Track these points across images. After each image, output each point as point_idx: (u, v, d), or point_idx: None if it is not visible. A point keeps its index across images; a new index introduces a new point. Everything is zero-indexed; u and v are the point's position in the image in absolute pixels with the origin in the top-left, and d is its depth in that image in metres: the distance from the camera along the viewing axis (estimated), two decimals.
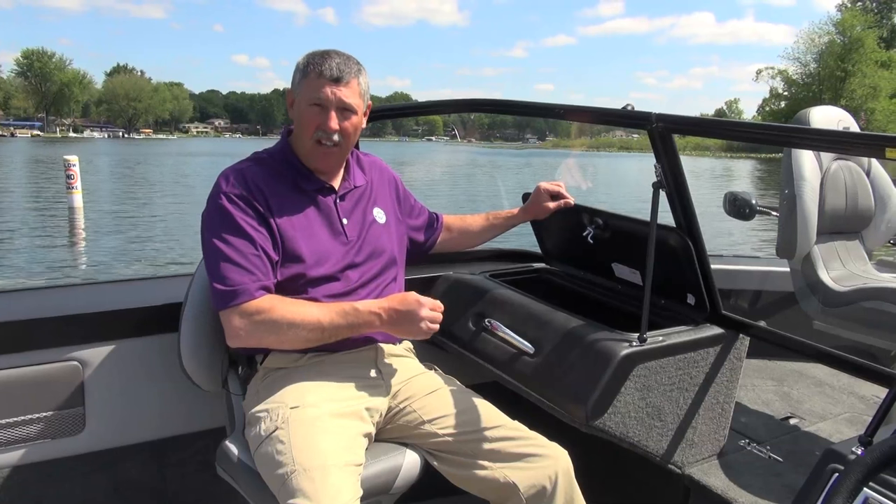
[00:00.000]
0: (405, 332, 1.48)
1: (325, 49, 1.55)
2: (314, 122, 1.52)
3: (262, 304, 1.43)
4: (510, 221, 2.00)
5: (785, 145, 2.43)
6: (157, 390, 1.80)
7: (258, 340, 1.46)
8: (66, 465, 1.71)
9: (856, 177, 2.68)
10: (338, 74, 1.50)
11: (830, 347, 1.63)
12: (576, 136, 31.38)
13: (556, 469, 1.48)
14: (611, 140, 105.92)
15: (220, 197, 1.49)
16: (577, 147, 31.72)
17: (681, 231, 1.66)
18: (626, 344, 1.56)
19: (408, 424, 1.56)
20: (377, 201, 1.72)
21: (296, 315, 1.43)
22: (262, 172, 1.55)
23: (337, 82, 1.51)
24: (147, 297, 1.87)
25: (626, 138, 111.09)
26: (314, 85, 1.51)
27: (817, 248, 2.58)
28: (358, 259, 1.60)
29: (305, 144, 1.56)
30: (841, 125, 2.60)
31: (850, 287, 2.51)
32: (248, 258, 1.44)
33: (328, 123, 1.52)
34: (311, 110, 1.52)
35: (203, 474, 1.68)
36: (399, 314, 1.46)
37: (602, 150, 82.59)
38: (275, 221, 1.50)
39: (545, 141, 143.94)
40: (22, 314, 1.68)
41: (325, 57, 1.52)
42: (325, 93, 1.50)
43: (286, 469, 1.31)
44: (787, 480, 1.59)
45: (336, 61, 1.51)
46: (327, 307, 1.46)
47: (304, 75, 1.53)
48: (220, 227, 1.47)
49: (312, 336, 1.45)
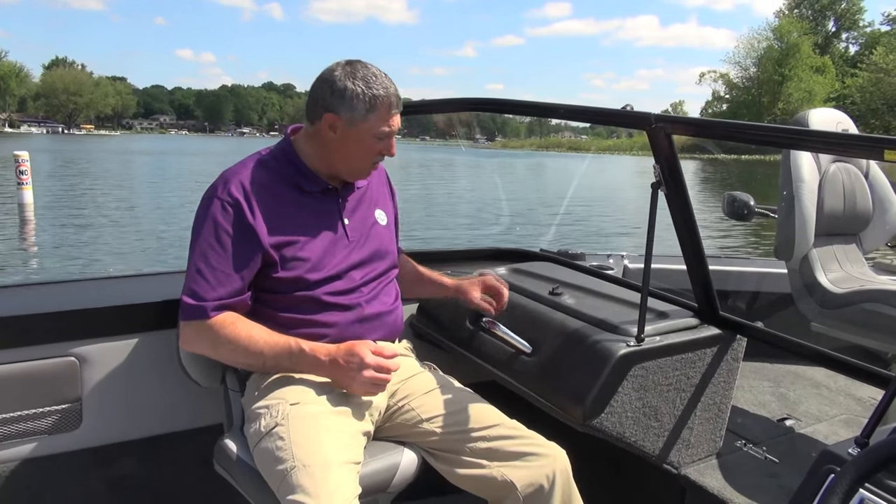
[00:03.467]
0: (344, 384, 1.46)
1: (368, 68, 1.50)
2: (377, 149, 1.54)
3: (214, 322, 1.45)
4: (440, 290, 1.84)
5: (785, 147, 2.43)
6: (155, 386, 1.79)
7: (201, 350, 1.51)
8: (63, 460, 1.71)
9: (854, 179, 2.69)
10: (401, 103, 1.52)
11: (828, 349, 1.64)
12: (525, 137, 31.78)
13: (554, 468, 1.48)
14: (560, 140, 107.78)
15: (212, 202, 1.48)
16: (526, 147, 31.91)
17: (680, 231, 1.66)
18: (624, 344, 1.56)
19: (406, 423, 1.57)
20: (378, 203, 1.72)
21: (241, 340, 1.44)
22: (263, 174, 1.53)
23: (400, 109, 1.53)
24: (145, 293, 1.87)
25: (574, 139, 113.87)
26: (385, 118, 1.50)
27: (815, 249, 2.58)
28: (360, 259, 1.60)
29: (359, 168, 1.57)
30: (840, 127, 2.61)
31: (847, 289, 2.52)
32: (217, 275, 1.45)
33: (392, 151, 1.56)
34: (377, 141, 1.52)
35: (200, 471, 1.68)
36: (338, 367, 1.44)
37: (552, 150, 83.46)
38: (274, 225, 1.49)
39: (494, 141, 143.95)
40: (19, 309, 1.68)
41: (386, 86, 1.49)
42: (394, 123, 1.52)
43: (286, 465, 1.31)
44: (784, 481, 1.59)
45: (394, 86, 1.51)
46: (276, 342, 1.46)
47: (373, 109, 1.48)
48: (202, 233, 1.47)
49: (249, 363, 1.50)
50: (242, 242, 1.46)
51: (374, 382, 1.43)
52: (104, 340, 1.73)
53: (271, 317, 1.53)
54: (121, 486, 1.79)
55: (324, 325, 1.53)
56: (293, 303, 1.52)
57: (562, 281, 2.03)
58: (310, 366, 1.46)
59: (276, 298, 1.53)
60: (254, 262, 1.48)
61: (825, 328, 2.54)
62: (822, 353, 1.64)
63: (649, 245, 1.58)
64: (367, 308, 1.58)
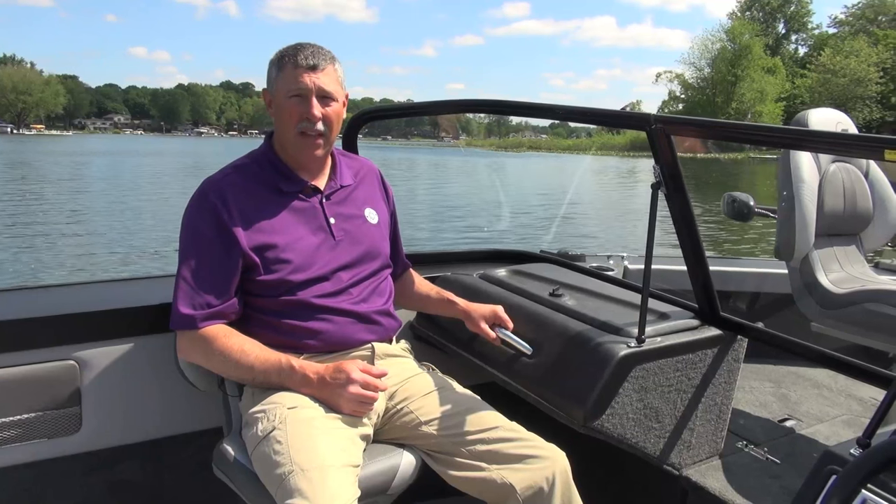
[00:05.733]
0: (332, 402, 1.46)
1: (294, 42, 1.55)
2: (296, 113, 1.52)
3: (206, 334, 1.46)
4: (449, 308, 1.82)
5: (786, 147, 2.43)
6: (154, 390, 1.79)
7: (195, 360, 1.53)
8: (63, 464, 1.70)
9: (854, 179, 2.68)
10: (314, 62, 1.51)
11: (829, 349, 1.63)
12: (486, 136, 32.28)
13: (554, 470, 1.47)
14: (520, 140, 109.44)
15: (191, 210, 1.51)
16: (486, 147, 32.39)
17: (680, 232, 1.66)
18: (624, 345, 1.56)
19: (405, 425, 1.56)
20: (368, 201, 1.71)
21: (232, 354, 1.46)
22: (241, 179, 1.55)
23: (314, 70, 1.51)
24: (144, 296, 1.87)
25: (534, 139, 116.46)
26: (291, 76, 1.51)
27: (815, 249, 2.58)
28: (348, 259, 1.59)
29: (290, 139, 1.55)
30: (839, 127, 2.60)
31: (848, 289, 2.51)
32: (201, 282, 1.47)
33: (311, 111, 1.51)
34: (290, 102, 1.51)
35: (200, 474, 1.68)
36: (326, 384, 1.45)
37: (510, 150, 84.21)
38: (253, 228, 1.50)
39: (458, 140, 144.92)
40: (19, 313, 1.68)
41: (297, 48, 1.53)
42: (303, 81, 1.50)
43: (284, 469, 1.31)
44: (785, 482, 1.59)
45: (310, 50, 1.52)
46: (267, 358, 1.47)
47: (280, 69, 1.52)
48: (187, 243, 1.50)
49: (241, 376, 1.51)
50: (222, 248, 1.48)
51: (361, 400, 1.44)
52: (104, 344, 1.72)
53: (262, 322, 1.53)
54: (121, 490, 1.79)
55: (315, 330, 1.53)
56: (281, 307, 1.52)
57: (562, 282, 2.02)
58: (298, 383, 1.47)
59: (264, 302, 1.53)
60: (236, 267, 1.49)
61: (826, 328, 2.54)
62: (824, 354, 1.63)
63: (649, 246, 1.58)
64: (358, 309, 1.58)
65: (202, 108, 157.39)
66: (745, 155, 38.80)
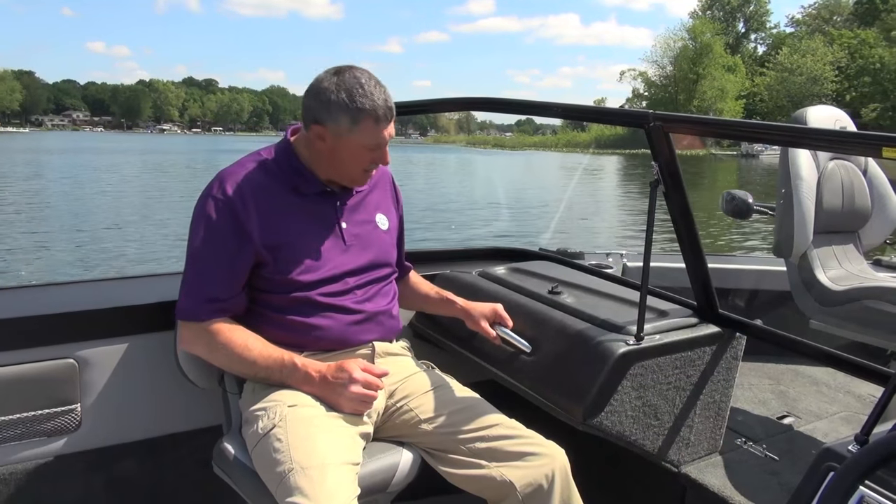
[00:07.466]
0: (332, 400, 1.46)
1: (357, 77, 1.45)
2: (369, 159, 1.52)
3: (211, 327, 1.46)
4: (448, 307, 1.81)
5: (784, 145, 2.44)
6: (154, 388, 1.79)
7: (198, 352, 1.52)
8: (62, 462, 1.71)
9: (853, 176, 2.69)
10: (391, 113, 1.47)
11: (827, 346, 1.64)
12: (455, 132, 32.50)
13: (553, 468, 1.48)
14: (486, 138, 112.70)
15: (206, 201, 1.49)
16: (457, 143, 32.47)
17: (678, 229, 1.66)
18: (623, 343, 1.56)
19: (405, 423, 1.56)
20: (380, 207, 1.71)
21: (236, 348, 1.46)
22: (260, 174, 1.53)
23: (390, 119, 1.48)
24: (143, 294, 1.87)
25: (499, 136, 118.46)
26: (373, 133, 1.46)
27: (814, 247, 2.58)
28: (357, 264, 1.59)
29: (351, 175, 1.55)
30: (838, 125, 2.60)
31: (846, 286, 2.51)
32: (210, 274, 1.46)
33: (384, 160, 1.54)
34: (365, 150, 1.50)
35: (199, 472, 1.68)
36: (327, 383, 1.45)
37: (478, 147, 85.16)
38: (268, 226, 1.49)
39: (427, 136, 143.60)
40: (18, 311, 1.68)
41: (372, 97, 1.43)
42: (383, 136, 1.49)
43: (284, 467, 1.31)
44: (784, 479, 1.59)
45: (384, 96, 1.45)
46: (270, 354, 1.47)
47: (356, 122, 1.44)
48: (199, 233, 1.48)
49: (242, 370, 1.51)
50: (235, 242, 1.47)
51: (362, 399, 1.44)
52: (103, 342, 1.72)
53: (267, 317, 1.53)
54: (120, 488, 1.79)
55: (318, 327, 1.53)
56: (287, 304, 1.52)
57: (561, 280, 2.02)
58: (300, 381, 1.47)
59: (271, 298, 1.52)
60: (247, 262, 1.48)
61: (824, 325, 2.54)
62: (822, 351, 1.64)
63: (648, 243, 1.58)
64: (362, 309, 1.58)
65: (164, 105, 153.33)
66: (706, 151, 39.46)
